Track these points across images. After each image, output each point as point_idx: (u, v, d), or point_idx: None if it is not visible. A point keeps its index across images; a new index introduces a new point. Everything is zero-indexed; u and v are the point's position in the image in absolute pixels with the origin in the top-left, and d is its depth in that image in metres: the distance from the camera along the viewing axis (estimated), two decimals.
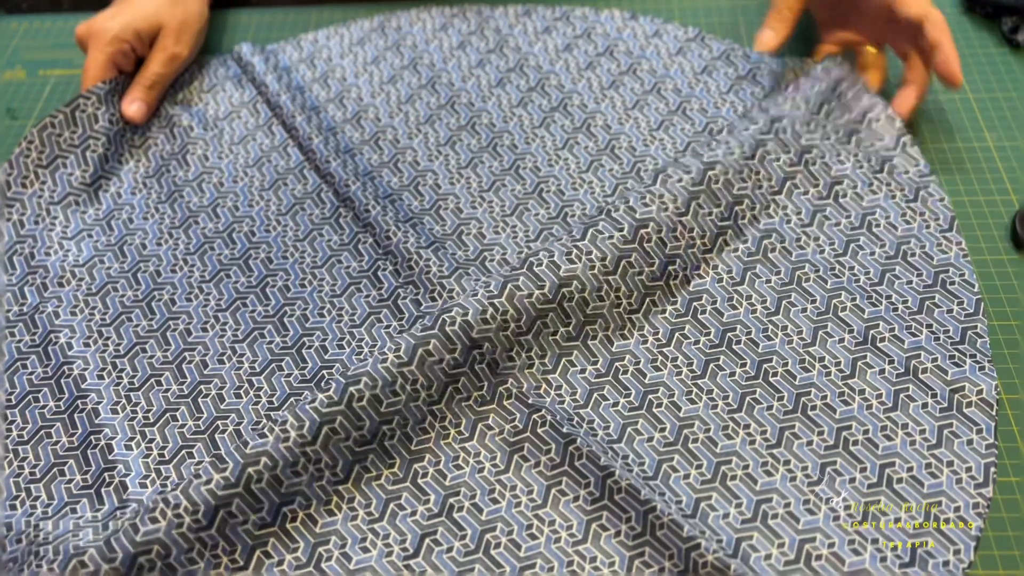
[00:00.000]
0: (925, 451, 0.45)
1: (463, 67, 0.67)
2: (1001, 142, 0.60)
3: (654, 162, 0.59)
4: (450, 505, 0.45)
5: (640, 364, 0.50)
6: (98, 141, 0.62)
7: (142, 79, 0.64)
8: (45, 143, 0.61)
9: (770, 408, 0.47)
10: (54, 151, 0.61)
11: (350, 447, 0.46)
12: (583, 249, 0.51)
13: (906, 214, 0.55)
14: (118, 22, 0.64)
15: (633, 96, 0.64)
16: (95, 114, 0.62)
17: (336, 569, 0.44)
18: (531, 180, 0.59)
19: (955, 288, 0.51)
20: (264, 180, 0.61)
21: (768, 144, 0.56)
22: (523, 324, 0.49)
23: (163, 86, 0.65)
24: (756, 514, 0.44)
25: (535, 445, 0.46)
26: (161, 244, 0.57)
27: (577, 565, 0.43)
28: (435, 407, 0.48)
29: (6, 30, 0.76)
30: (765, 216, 0.55)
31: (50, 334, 0.53)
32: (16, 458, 0.48)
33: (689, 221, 0.53)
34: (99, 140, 0.62)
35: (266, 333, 0.52)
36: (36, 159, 0.61)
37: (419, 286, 0.53)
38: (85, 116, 0.62)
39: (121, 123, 0.63)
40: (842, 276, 0.52)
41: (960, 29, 0.68)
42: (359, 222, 0.57)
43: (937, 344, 0.49)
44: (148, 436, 0.49)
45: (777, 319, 0.51)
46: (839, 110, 0.59)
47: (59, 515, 0.46)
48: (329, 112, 0.65)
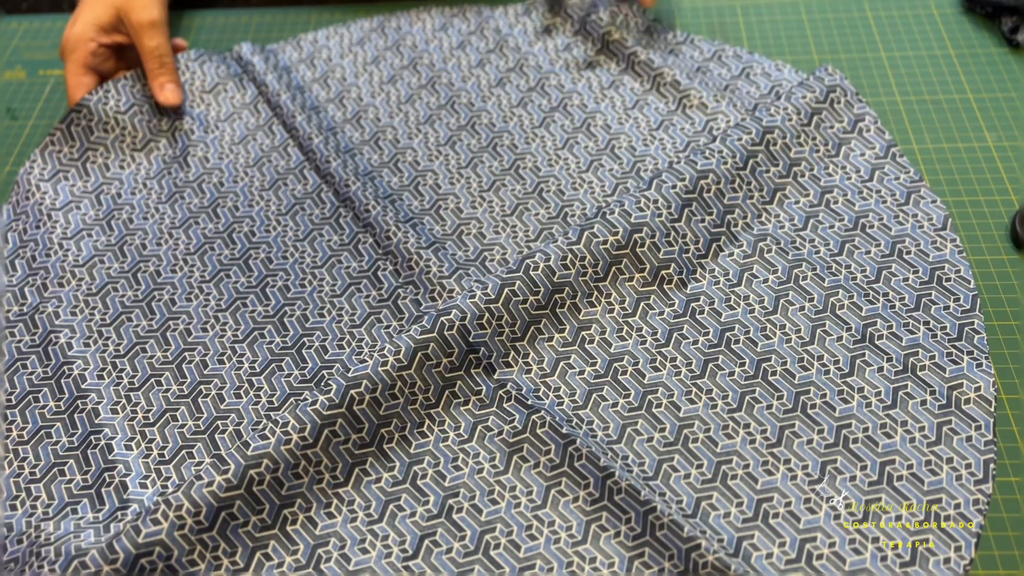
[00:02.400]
0: (925, 448, 0.45)
1: (463, 67, 0.67)
2: (1001, 142, 0.60)
3: (654, 162, 0.59)
4: (449, 506, 0.45)
5: (639, 364, 0.50)
6: (96, 151, 0.62)
7: (149, 62, 0.64)
8: (47, 160, 0.62)
9: (770, 407, 0.48)
10: (56, 167, 0.61)
11: (349, 449, 0.46)
12: (577, 254, 0.51)
13: (899, 216, 0.55)
14: (78, 25, 0.63)
15: (633, 96, 0.64)
16: (89, 126, 0.63)
17: (335, 571, 0.44)
18: (531, 180, 0.59)
19: (951, 285, 0.51)
20: (264, 180, 0.61)
21: (759, 155, 0.56)
22: (518, 329, 0.50)
23: (170, 55, 0.64)
24: (757, 513, 0.44)
25: (534, 446, 0.47)
26: (161, 244, 0.58)
27: (577, 566, 0.43)
28: (433, 410, 0.48)
29: (6, 30, 0.76)
30: (758, 223, 0.55)
31: (50, 334, 0.53)
32: (16, 458, 0.48)
33: (683, 227, 0.53)
34: (97, 151, 0.62)
35: (266, 333, 0.53)
36: (39, 175, 0.61)
37: (419, 286, 0.53)
38: (80, 130, 0.63)
39: (118, 129, 0.63)
40: (839, 274, 0.52)
41: (960, 29, 0.68)
42: (359, 222, 0.57)
43: (935, 341, 0.49)
44: (148, 436, 0.49)
45: (775, 318, 0.51)
46: (830, 119, 0.59)
47: (59, 515, 0.46)
48: (329, 112, 0.65)
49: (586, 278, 0.51)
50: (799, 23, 0.70)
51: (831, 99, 0.60)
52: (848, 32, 0.69)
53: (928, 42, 0.68)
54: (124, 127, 0.64)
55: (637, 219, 0.52)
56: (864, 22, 0.70)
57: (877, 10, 0.71)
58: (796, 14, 0.71)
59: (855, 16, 0.70)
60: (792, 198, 0.56)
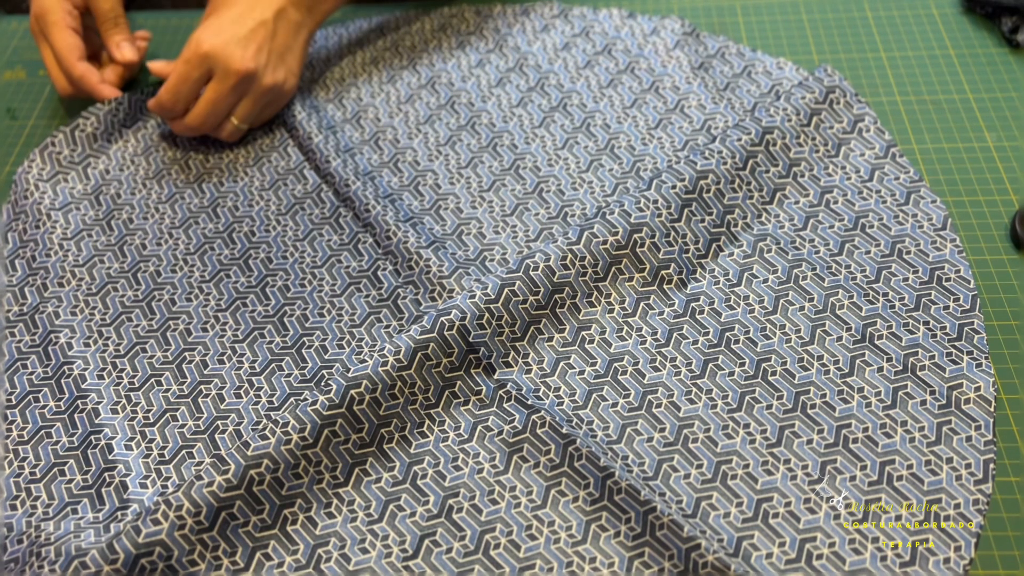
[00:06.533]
0: (924, 448, 0.45)
1: (463, 67, 0.67)
2: (1001, 142, 0.60)
3: (653, 161, 0.59)
4: (449, 506, 0.45)
5: (639, 364, 0.50)
6: (98, 158, 0.62)
7: (104, 23, 0.65)
8: (46, 161, 0.62)
9: (770, 407, 0.48)
10: (55, 168, 0.62)
11: (349, 450, 0.46)
12: (577, 254, 0.51)
13: (899, 216, 0.55)
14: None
15: (631, 95, 0.64)
16: (94, 133, 0.63)
17: (335, 570, 0.44)
18: (531, 180, 0.59)
19: (951, 284, 0.51)
20: (264, 180, 0.61)
21: (758, 156, 0.56)
22: (518, 329, 0.50)
23: (123, 16, 0.65)
24: (757, 513, 0.44)
25: (534, 446, 0.46)
26: (161, 244, 0.58)
27: (576, 566, 0.43)
28: (433, 410, 0.48)
29: (6, 30, 0.76)
30: (758, 224, 0.55)
31: (50, 334, 0.53)
32: (16, 458, 0.48)
33: (682, 227, 0.53)
34: (99, 157, 0.63)
35: (266, 333, 0.53)
36: (37, 175, 0.61)
37: (419, 286, 0.53)
38: (84, 136, 0.63)
39: (121, 141, 0.64)
40: (839, 274, 0.52)
41: (960, 29, 0.68)
42: (359, 222, 0.57)
43: (934, 341, 0.49)
44: (148, 436, 0.49)
45: (775, 318, 0.51)
46: (830, 119, 0.59)
47: (60, 515, 0.46)
48: (329, 112, 0.65)
49: (586, 278, 0.51)
50: (799, 23, 0.70)
51: (831, 99, 0.60)
52: (848, 32, 0.69)
53: (928, 42, 0.68)
54: (127, 139, 0.64)
55: (637, 219, 0.52)
56: (864, 22, 0.70)
57: (877, 10, 0.71)
58: (796, 14, 0.71)
59: (855, 16, 0.70)
60: (792, 198, 0.56)
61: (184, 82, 0.59)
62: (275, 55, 0.60)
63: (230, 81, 0.58)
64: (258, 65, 0.59)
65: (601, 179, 0.59)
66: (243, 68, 0.58)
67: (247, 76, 0.58)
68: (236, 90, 0.59)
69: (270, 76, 0.60)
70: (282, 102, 0.63)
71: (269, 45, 0.60)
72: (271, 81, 0.60)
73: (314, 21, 0.63)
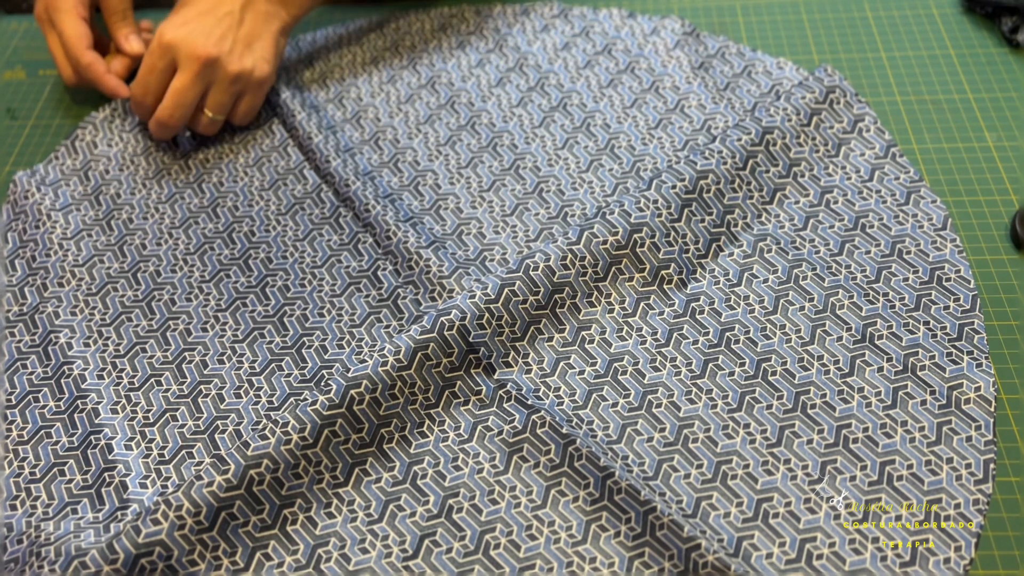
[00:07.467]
0: (925, 448, 0.45)
1: (463, 67, 0.67)
2: (1001, 142, 0.60)
3: (653, 161, 0.59)
4: (449, 506, 0.45)
5: (639, 364, 0.50)
6: (99, 163, 0.63)
7: (112, 16, 0.65)
8: (48, 171, 0.62)
9: (770, 407, 0.48)
10: (57, 176, 0.62)
11: (349, 450, 0.46)
12: (577, 254, 0.51)
13: (899, 216, 0.55)
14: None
15: (631, 95, 0.64)
16: (93, 140, 0.63)
17: (335, 571, 0.44)
18: (531, 180, 0.59)
19: (951, 284, 0.51)
20: (264, 180, 0.61)
21: (758, 156, 0.56)
22: (518, 329, 0.50)
23: (130, 10, 0.66)
24: (757, 513, 0.44)
25: (534, 446, 0.46)
26: (161, 244, 0.58)
27: (577, 566, 0.43)
28: (433, 410, 0.48)
29: (6, 30, 0.76)
30: (758, 224, 0.55)
31: (50, 334, 0.53)
32: (16, 458, 0.48)
33: (683, 227, 0.53)
34: (99, 161, 0.63)
35: (266, 333, 0.53)
36: (39, 180, 0.61)
37: (419, 286, 0.53)
38: (84, 144, 0.63)
39: (121, 144, 0.64)
40: (839, 274, 0.52)
41: (960, 29, 0.68)
42: (359, 222, 0.57)
43: (935, 341, 0.49)
44: (148, 436, 0.49)
45: (775, 318, 0.51)
46: (830, 119, 0.59)
47: (60, 515, 0.46)
48: (329, 112, 0.65)
49: (586, 278, 0.51)
50: (799, 23, 0.70)
51: (831, 99, 0.60)
52: (848, 32, 0.69)
53: (928, 42, 0.68)
54: (127, 140, 0.64)
55: (637, 219, 0.52)
56: (864, 22, 0.70)
57: (877, 10, 0.71)
58: (796, 14, 0.71)
59: (855, 16, 0.70)
60: (792, 198, 0.56)
61: (150, 72, 0.59)
62: (240, 42, 0.60)
63: (193, 67, 0.58)
64: (221, 51, 0.59)
65: (601, 179, 0.59)
66: (204, 54, 0.58)
67: (209, 61, 0.58)
68: (201, 77, 0.59)
69: (236, 63, 0.60)
70: (259, 92, 0.62)
71: (235, 33, 0.60)
72: (237, 68, 0.60)
73: (289, 14, 0.63)
